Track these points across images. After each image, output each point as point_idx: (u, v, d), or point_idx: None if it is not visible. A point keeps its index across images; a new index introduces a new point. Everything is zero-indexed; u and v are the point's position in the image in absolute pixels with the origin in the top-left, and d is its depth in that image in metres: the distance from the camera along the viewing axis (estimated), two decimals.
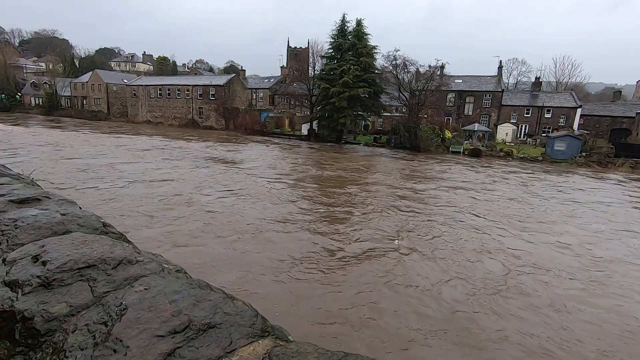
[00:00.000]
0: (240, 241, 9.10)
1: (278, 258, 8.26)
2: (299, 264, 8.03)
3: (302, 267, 7.87)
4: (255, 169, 20.56)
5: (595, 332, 6.23)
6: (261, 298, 6.45)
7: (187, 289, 1.30)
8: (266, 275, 7.42)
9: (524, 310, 6.74)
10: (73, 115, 62.08)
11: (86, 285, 1.40)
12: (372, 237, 10.14)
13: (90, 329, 1.14)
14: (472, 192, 17.50)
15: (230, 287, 6.53)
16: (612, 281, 8.30)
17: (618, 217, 14.33)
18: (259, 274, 7.43)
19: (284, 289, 6.98)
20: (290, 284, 7.18)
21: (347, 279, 7.50)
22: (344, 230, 10.56)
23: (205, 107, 54.03)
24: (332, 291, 6.97)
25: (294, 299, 6.61)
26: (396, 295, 7.00)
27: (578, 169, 30.02)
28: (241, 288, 6.69)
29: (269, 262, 8.00)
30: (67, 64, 78.99)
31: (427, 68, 38.46)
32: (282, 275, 7.46)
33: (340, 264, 8.23)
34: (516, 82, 72.22)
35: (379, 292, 7.11)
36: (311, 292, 6.88)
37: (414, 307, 6.63)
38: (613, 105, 47.43)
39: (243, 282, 7.05)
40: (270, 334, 1.21)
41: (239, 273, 7.41)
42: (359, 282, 7.38)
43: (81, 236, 1.73)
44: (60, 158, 19.52)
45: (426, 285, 7.50)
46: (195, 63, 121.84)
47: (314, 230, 10.37)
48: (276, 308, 6.24)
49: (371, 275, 7.74)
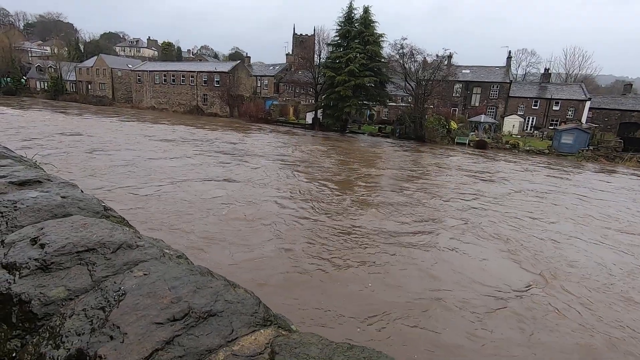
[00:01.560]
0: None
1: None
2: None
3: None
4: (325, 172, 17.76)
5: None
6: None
7: (187, 275, 1.26)
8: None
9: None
10: (78, 100, 62.05)
11: (85, 269, 1.36)
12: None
13: (87, 314, 1.10)
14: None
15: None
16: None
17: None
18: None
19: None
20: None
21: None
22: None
23: (209, 94, 53.74)
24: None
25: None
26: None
27: (585, 163, 29.67)
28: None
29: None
30: (72, 48, 78.52)
31: (435, 57, 37.85)
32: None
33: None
34: (525, 73, 71.00)
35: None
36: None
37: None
38: (623, 99, 46.51)
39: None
40: (272, 324, 1.17)
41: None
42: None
43: (81, 219, 1.70)
44: (91, 153, 17.07)
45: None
46: (200, 49, 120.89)
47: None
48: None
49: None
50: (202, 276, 1.27)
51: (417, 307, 6.15)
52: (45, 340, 1.07)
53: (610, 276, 8.04)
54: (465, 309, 6.21)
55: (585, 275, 8.00)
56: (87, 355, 0.93)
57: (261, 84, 62.38)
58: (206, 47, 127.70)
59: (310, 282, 6.72)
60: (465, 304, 6.35)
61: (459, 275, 7.46)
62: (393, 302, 6.21)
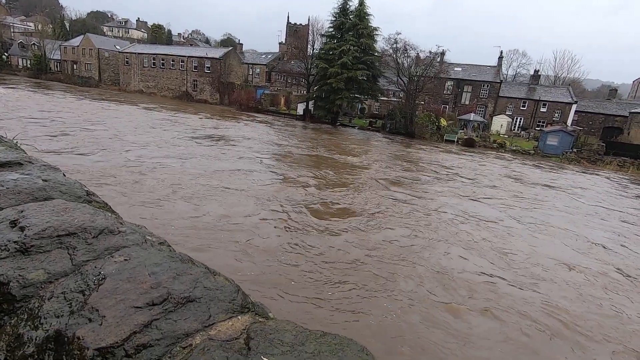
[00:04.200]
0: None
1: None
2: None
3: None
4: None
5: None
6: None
7: (168, 262, 1.28)
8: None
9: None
10: (62, 80, 60.17)
11: (65, 253, 1.37)
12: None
13: (67, 296, 1.12)
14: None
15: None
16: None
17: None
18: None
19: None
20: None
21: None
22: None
23: (199, 79, 52.83)
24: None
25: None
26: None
27: (568, 164, 30.45)
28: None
29: None
30: (57, 26, 75.79)
31: (428, 54, 37.97)
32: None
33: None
34: (515, 73, 71.84)
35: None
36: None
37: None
38: (608, 103, 47.68)
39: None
40: (250, 311, 1.21)
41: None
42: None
43: (62, 203, 1.69)
44: (110, 147, 15.21)
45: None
46: (192, 33, 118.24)
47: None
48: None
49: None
50: (182, 263, 1.29)
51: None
52: (23, 322, 1.08)
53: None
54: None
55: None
56: (66, 336, 0.95)
57: (253, 72, 61.59)
58: (197, 31, 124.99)
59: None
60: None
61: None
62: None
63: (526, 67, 71.18)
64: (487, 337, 5.70)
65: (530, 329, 6.01)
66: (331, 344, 1.00)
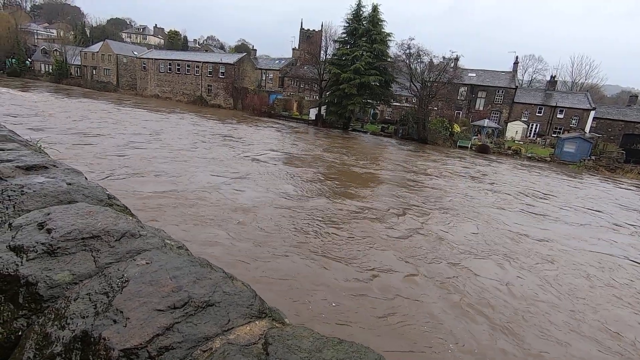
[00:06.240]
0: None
1: None
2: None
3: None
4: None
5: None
6: None
7: (188, 266, 1.31)
8: None
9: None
10: (82, 85, 61.98)
11: (89, 255, 1.42)
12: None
13: (92, 298, 1.16)
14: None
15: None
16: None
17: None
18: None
19: None
20: None
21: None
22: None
23: (214, 84, 53.66)
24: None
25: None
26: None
27: (586, 172, 29.69)
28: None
29: None
30: (78, 32, 78.33)
31: (441, 59, 37.74)
32: None
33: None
34: (531, 79, 70.77)
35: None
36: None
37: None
38: (628, 110, 46.37)
39: None
40: (267, 316, 1.22)
41: None
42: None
43: (86, 206, 1.75)
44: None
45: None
46: (207, 39, 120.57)
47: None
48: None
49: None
50: (202, 267, 1.32)
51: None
52: (50, 321, 1.13)
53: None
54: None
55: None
56: (92, 336, 0.99)
57: (266, 77, 62.24)
58: (212, 37, 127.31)
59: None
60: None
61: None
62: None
63: (542, 73, 70.10)
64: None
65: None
66: (348, 352, 1.01)
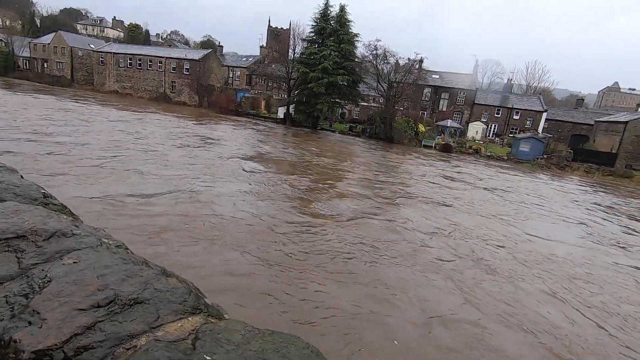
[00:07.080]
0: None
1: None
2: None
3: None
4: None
5: None
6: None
7: (119, 264, 1.27)
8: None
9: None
10: (32, 79, 57.66)
11: (13, 256, 1.33)
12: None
13: (9, 300, 1.09)
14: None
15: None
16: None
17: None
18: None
19: None
20: None
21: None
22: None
23: (178, 81, 51.91)
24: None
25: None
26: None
27: (539, 170, 31.72)
28: None
29: None
30: (27, 22, 72.86)
31: (407, 61, 38.81)
32: None
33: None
34: (490, 82, 74.64)
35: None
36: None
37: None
38: (575, 112, 50.19)
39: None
40: (202, 312, 1.21)
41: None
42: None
43: (13, 205, 1.64)
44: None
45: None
46: (170, 34, 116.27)
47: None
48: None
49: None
50: (134, 265, 1.28)
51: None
52: None
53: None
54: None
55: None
56: (2, 339, 0.93)
57: (233, 74, 61.05)
58: (177, 32, 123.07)
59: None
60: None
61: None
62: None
63: (500, 77, 74.25)
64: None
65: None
66: (276, 342, 1.03)
